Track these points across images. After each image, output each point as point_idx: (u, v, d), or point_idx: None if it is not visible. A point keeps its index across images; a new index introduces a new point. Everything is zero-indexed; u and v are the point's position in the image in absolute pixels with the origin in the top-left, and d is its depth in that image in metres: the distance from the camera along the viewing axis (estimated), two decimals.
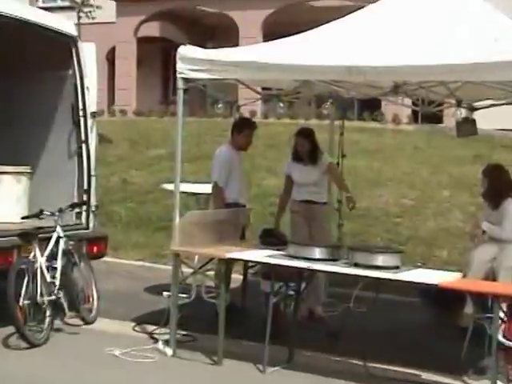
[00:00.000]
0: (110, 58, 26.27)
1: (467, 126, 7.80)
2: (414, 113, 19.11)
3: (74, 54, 8.11)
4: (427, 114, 8.20)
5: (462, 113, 7.79)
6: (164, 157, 15.09)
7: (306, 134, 7.99)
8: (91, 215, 8.22)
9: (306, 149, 7.90)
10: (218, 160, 7.97)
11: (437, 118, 17.12)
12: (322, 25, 6.93)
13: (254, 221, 8.43)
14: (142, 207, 12.77)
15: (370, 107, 19.96)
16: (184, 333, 7.16)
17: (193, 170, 13.47)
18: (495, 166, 7.91)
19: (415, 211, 11.89)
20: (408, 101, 8.21)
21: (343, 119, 8.91)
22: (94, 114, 8.21)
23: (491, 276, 7.32)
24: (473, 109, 8.12)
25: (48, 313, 6.93)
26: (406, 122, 19.95)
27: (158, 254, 10.61)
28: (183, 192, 7.94)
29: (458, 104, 7.29)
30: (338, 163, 8.70)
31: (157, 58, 27.25)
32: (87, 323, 7.51)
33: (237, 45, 13.80)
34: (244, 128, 7.99)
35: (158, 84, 27.54)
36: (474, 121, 7.85)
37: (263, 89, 8.23)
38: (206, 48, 6.95)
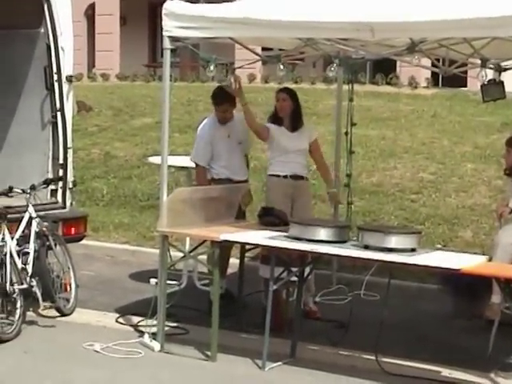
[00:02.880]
0: (90, 14, 26.13)
1: (494, 89, 7.75)
2: (434, 75, 19.05)
3: (46, 10, 8.02)
4: (448, 76, 8.12)
5: (488, 74, 7.71)
6: (151, 127, 15.04)
7: (289, 91, 7.83)
8: (68, 192, 8.19)
9: (289, 106, 7.71)
10: (198, 136, 8.01)
11: (459, 81, 17.02)
12: None
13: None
14: (127, 183, 12.74)
15: (384, 69, 19.85)
16: (173, 325, 7.15)
17: (183, 142, 13.45)
18: None
19: (435, 187, 11.84)
20: (427, 61, 8.13)
21: (352, 83, 8.83)
22: (70, 79, 8.16)
23: None
24: (501, 69, 8.07)
25: (19, 303, 6.91)
26: (424, 85, 19.89)
27: (145, 236, 10.60)
28: (172, 166, 7.92)
29: (484, 64, 7.22)
30: (346, 133, 8.65)
31: (143, 14, 27.12)
32: (64, 315, 7.48)
33: None
34: (223, 101, 7.82)
35: (144, 44, 27.43)
36: (501, 83, 7.80)
37: (263, 49, 8.15)
38: (199, 3, 6.86)
